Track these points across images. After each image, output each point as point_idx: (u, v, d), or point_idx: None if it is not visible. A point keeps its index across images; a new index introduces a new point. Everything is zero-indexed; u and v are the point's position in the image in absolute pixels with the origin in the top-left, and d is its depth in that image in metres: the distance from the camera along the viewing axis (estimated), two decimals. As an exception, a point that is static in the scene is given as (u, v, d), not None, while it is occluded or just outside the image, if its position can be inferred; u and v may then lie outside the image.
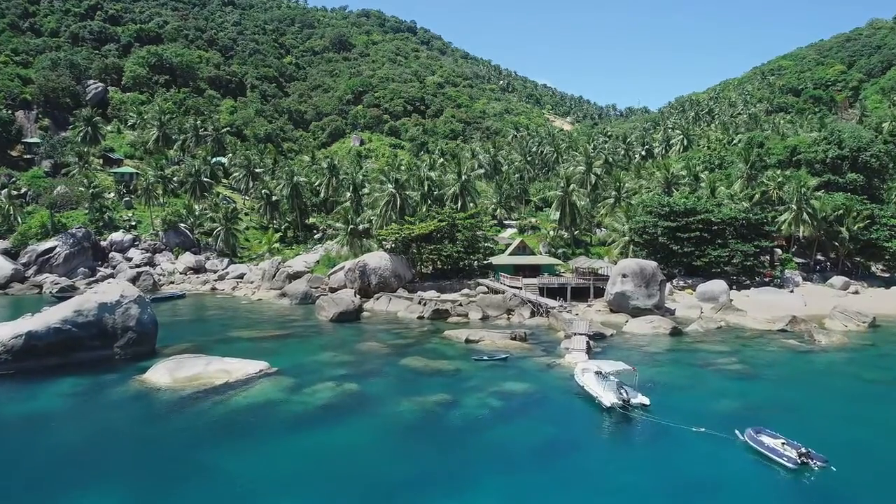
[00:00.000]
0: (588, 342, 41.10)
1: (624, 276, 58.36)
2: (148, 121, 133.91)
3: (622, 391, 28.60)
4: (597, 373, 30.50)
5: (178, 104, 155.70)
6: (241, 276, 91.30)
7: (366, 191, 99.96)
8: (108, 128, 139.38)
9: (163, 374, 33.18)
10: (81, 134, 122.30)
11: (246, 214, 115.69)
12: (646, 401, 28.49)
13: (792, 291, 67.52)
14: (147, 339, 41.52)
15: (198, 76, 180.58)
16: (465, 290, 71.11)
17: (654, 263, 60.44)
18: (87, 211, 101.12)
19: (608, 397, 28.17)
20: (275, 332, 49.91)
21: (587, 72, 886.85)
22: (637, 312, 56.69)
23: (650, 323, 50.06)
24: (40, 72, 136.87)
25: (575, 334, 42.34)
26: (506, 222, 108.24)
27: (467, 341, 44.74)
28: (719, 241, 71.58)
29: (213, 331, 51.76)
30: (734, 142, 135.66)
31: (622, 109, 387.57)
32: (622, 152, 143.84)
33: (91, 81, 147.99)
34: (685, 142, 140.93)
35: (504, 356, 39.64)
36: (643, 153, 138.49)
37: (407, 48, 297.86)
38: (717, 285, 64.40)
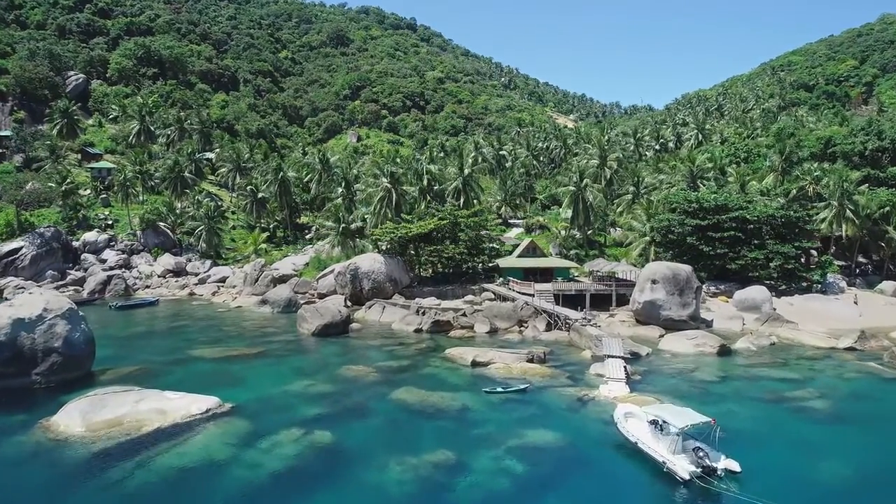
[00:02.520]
0: (625, 367, 33.07)
1: (654, 281, 50.41)
2: (130, 114, 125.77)
3: (699, 452, 20.48)
4: (652, 422, 22.37)
5: (164, 97, 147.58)
6: (223, 280, 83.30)
7: (359, 186, 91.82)
8: (90, 122, 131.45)
9: (74, 418, 25.14)
10: (57, 127, 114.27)
11: (233, 213, 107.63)
12: (734, 466, 20.32)
13: (856, 302, 58.95)
14: (78, 362, 33.49)
15: (188, 69, 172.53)
16: (469, 297, 63.19)
17: (688, 267, 52.51)
18: (59, 209, 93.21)
19: (682, 465, 19.96)
20: (244, 350, 41.78)
21: (589, 70, 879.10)
22: (670, 324, 48.88)
23: (692, 339, 41.97)
24: (17, 62, 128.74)
25: (608, 356, 34.29)
26: (511, 221, 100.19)
27: (474, 364, 36.65)
28: (755, 241, 63.49)
29: (174, 347, 43.71)
30: (751, 135, 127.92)
31: (626, 107, 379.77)
32: (632, 148, 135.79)
33: (71, 73, 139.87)
34: (699, 137, 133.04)
35: (522, 386, 31.53)
36: (657, 148, 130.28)
37: (406, 43, 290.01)
38: (759, 292, 56.32)
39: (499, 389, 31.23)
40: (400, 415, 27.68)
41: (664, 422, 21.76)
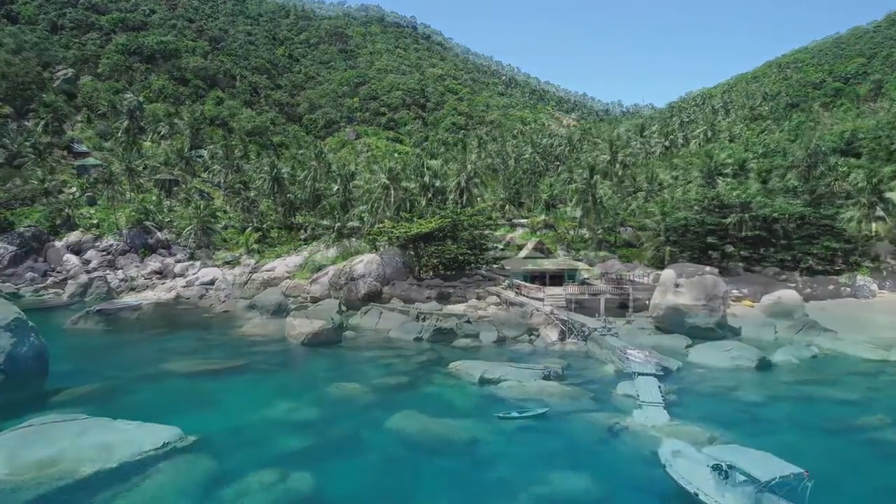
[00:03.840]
0: (660, 387, 28.49)
1: (677, 285, 45.86)
2: (119, 109, 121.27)
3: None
4: (716, 467, 17.84)
5: (156, 93, 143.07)
6: (211, 282, 78.71)
7: (357, 183, 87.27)
8: (78, 118, 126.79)
9: (-2, 458, 20.58)
10: (43, 122, 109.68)
11: (225, 212, 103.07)
12: None
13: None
14: (24, 381, 29.02)
15: (182, 65, 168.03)
16: (473, 301, 58.63)
17: (715, 270, 48.08)
18: (42, 207, 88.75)
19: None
20: (223, 364, 37.15)
21: (589, 70, 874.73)
22: (695, 332, 44.31)
23: (727, 351, 37.34)
24: (1, 56, 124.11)
25: (638, 374, 29.72)
26: (515, 221, 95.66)
27: (483, 381, 32.08)
28: (783, 241, 58.99)
29: (146, 359, 39.07)
30: (764, 131, 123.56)
31: (628, 106, 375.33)
32: (639, 145, 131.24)
33: (60, 67, 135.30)
34: (708, 134, 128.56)
35: (541, 410, 26.96)
36: (666, 144, 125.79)
37: (406, 41, 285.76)
38: (789, 296, 51.65)
39: (513, 414, 26.66)
40: (397, 450, 23.03)
41: (730, 466, 17.23)
